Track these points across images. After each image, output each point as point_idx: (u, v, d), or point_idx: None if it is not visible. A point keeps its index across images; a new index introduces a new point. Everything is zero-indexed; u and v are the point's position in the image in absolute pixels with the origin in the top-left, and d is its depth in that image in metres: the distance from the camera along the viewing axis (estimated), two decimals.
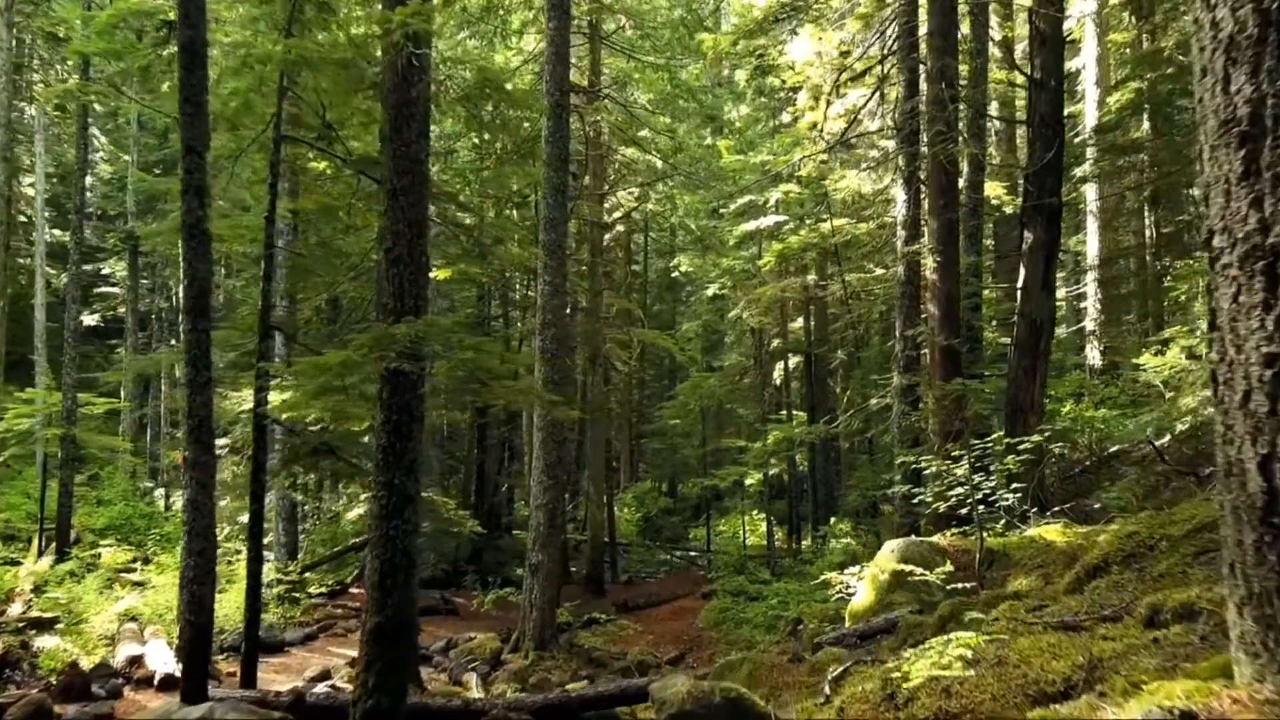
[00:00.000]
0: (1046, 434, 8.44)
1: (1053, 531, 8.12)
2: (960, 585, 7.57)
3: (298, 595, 14.79)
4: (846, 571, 9.04)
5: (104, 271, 34.67)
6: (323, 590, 16.10)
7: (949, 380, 11.76)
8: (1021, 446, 8.04)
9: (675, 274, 35.76)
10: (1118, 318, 23.19)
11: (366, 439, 10.87)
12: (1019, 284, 11.92)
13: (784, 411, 27.17)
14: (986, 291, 18.86)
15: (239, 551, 17.65)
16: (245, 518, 19.83)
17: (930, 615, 7.08)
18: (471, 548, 24.87)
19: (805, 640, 13.90)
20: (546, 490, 13.72)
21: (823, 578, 9.11)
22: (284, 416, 9.47)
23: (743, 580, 18.81)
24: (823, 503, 24.20)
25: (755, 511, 28.41)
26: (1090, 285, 21.47)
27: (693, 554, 27.45)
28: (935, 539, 8.38)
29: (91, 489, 25.39)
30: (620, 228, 28.78)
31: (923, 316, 12.87)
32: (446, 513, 9.74)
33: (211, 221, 10.66)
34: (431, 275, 10.50)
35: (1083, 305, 23.02)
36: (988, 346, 17.49)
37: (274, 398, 9.59)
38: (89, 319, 32.18)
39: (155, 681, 10.61)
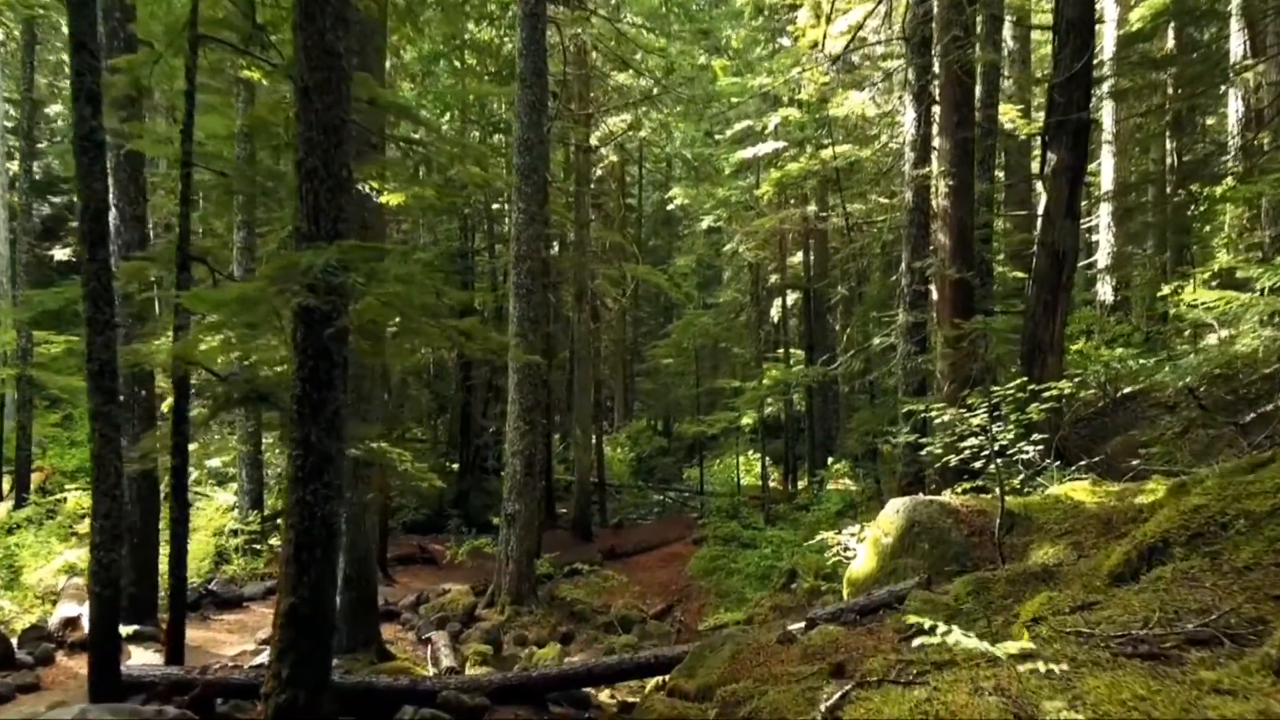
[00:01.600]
0: (1076, 379, 7.41)
1: (1080, 490, 7.15)
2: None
3: (259, 546, 13.92)
4: (845, 532, 8.10)
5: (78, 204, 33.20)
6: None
7: (960, 317, 10.69)
8: (1047, 393, 7.01)
9: (671, 207, 34.39)
10: (1129, 251, 22.03)
11: None
12: (1040, 210, 10.77)
13: (781, 350, 26.16)
14: (998, 222, 17.68)
15: (207, 496, 16.78)
16: (210, 465, 18.99)
17: (943, 592, 6.13)
18: (457, 490, 24.10)
19: (799, 593, 13.11)
20: (523, 436, 12.76)
21: (820, 538, 8.19)
22: (219, 360, 8.44)
23: (735, 526, 18.01)
24: (820, 444, 23.30)
25: (750, 452, 27.57)
26: (1104, 216, 20.26)
27: (686, 494, 26.72)
28: (945, 497, 7.40)
29: (65, 430, 24.52)
30: (613, 158, 27.41)
31: (932, 248, 11.73)
32: (403, 464, 8.75)
33: (140, 140, 9.52)
34: (383, 200, 9.37)
35: (1095, 238, 21.80)
36: (997, 281, 16.38)
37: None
38: (61, 253, 30.97)
39: None
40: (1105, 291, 21.00)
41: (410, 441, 30.00)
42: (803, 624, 6.78)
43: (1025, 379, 7.09)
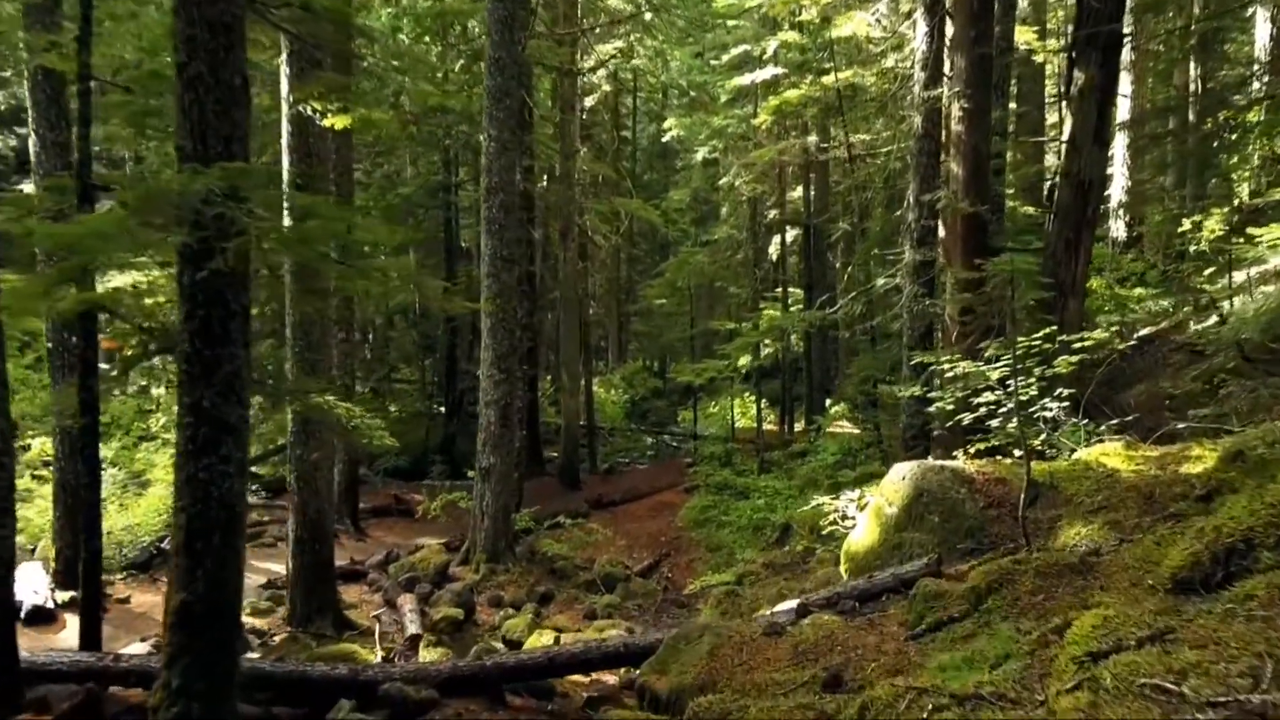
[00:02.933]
0: (1113, 327, 6.47)
1: (1113, 454, 6.25)
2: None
3: None
4: (844, 496, 7.22)
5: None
6: (257, 488, 14.34)
7: (972, 256, 9.69)
8: (1078, 344, 6.08)
9: (667, 138, 33.11)
10: (1146, 185, 20.88)
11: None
12: (1064, 136, 9.71)
13: (779, 289, 25.14)
14: (1009, 152, 16.51)
15: (165, 444, 15.83)
16: (173, 415, 18.08)
17: (955, 578, 5.27)
18: (444, 434, 23.30)
19: (793, 549, 12.33)
20: (498, 385, 11.85)
21: (815, 502, 7.30)
22: (148, 304, 7.48)
23: (728, 474, 17.23)
24: (818, 385, 22.44)
25: (746, 394, 26.74)
26: (1120, 147, 19.06)
27: (679, 437, 25.99)
28: (958, 463, 6.51)
29: (37, 373, 23.62)
30: (606, 88, 26.07)
31: (942, 179, 10.67)
32: (352, 420, 7.85)
33: (48, 54, 8.40)
34: (327, 124, 8.31)
35: (1109, 170, 20.57)
36: (1007, 217, 15.28)
37: (122, 278, 7.59)
38: (26, 187, 29.70)
39: (22, 614, 8.97)
40: (1118, 228, 19.92)
41: (398, 383, 29.24)
42: (793, 609, 5.96)
43: (1054, 327, 6.14)
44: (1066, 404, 6.84)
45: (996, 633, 4.12)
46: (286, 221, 4.93)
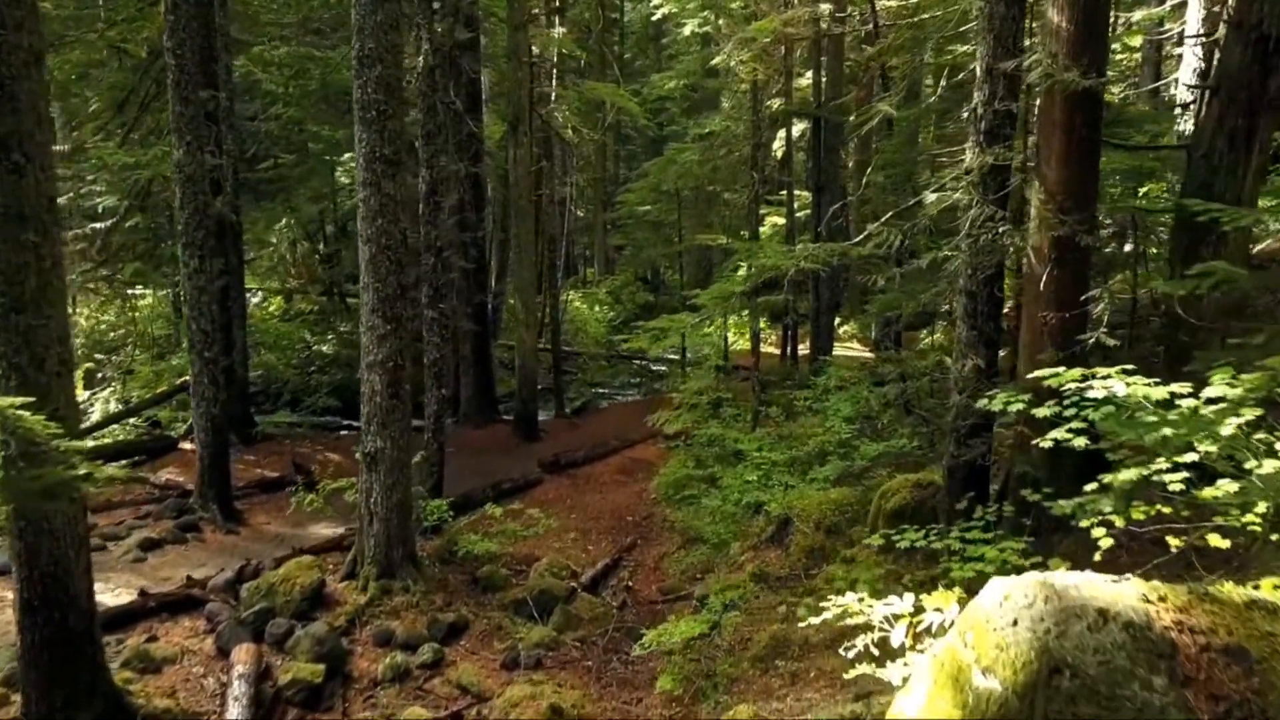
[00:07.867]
0: None
1: None
2: None
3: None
4: (878, 610, 3.93)
5: None
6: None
7: (1081, 157, 6.22)
8: None
9: (657, 16, 28.81)
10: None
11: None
12: None
13: (784, 193, 21.52)
14: None
15: None
16: None
17: None
18: None
19: (793, 551, 9.27)
20: (383, 340, 8.51)
21: (832, 607, 4.02)
22: None
23: (716, 428, 14.05)
24: (826, 305, 19.12)
25: (744, 312, 23.42)
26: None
27: (670, 361, 22.79)
28: (1131, 595, 3.19)
29: None
30: None
31: (1027, 42, 7.05)
32: (39, 435, 4.59)
33: None
34: None
35: (1169, 28, 16.45)
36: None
37: None
38: None
39: None
40: (1185, 122, 16.12)
41: (354, 298, 25.84)
42: None
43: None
44: None
45: None
46: None
